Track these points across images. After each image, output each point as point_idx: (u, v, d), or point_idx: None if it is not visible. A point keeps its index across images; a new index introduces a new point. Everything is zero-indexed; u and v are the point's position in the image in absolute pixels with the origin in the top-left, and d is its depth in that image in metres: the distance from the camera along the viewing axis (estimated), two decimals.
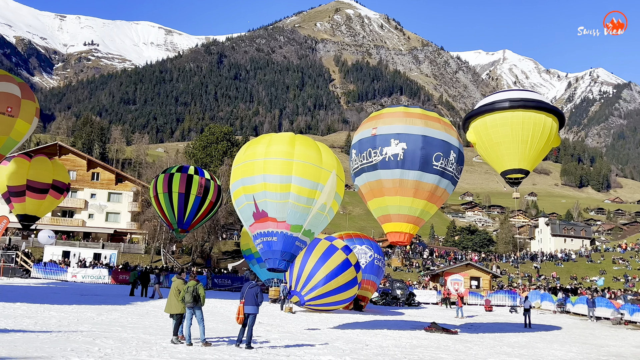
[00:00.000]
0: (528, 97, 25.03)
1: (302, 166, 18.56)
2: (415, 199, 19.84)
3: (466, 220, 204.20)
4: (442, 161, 19.79)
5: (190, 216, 30.03)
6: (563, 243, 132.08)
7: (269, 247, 19.07)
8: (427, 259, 78.79)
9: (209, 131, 70.62)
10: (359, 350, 14.99)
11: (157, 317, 21.93)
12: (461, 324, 28.30)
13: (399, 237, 20.37)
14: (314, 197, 18.68)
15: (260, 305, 14.48)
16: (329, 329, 21.57)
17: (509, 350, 18.03)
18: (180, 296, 14.15)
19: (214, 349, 13.46)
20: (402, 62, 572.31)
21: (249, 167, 19.05)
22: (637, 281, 67.86)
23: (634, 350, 20.48)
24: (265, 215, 18.81)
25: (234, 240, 77.70)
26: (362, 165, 20.29)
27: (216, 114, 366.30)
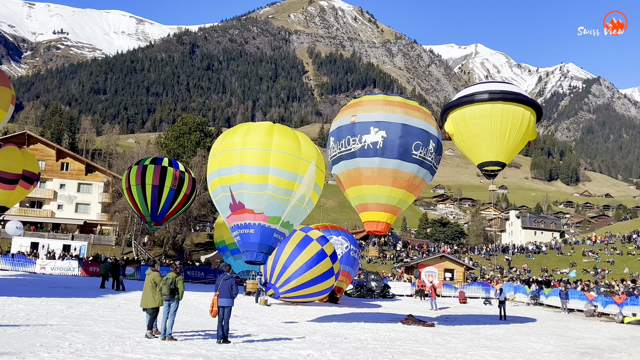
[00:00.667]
0: (508, 89, 24.95)
1: (280, 157, 18.15)
2: (393, 188, 19.54)
3: (438, 213, 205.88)
4: (421, 150, 19.48)
5: (163, 209, 29.40)
6: (533, 236, 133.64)
7: (246, 239, 18.67)
8: (401, 251, 78.88)
9: (182, 121, 69.56)
10: (338, 344, 14.71)
11: (130, 310, 21.42)
12: (437, 316, 28.23)
13: (376, 226, 20.05)
14: (292, 188, 18.31)
15: (235, 297, 14.05)
16: (305, 322, 21.27)
17: (487, 343, 17.92)
18: (157, 288, 13.70)
19: (190, 344, 13.03)
20: (376, 55, 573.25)
21: (226, 158, 18.58)
22: (607, 273, 68.74)
23: (610, 342, 20.53)
24: (242, 207, 18.38)
25: (207, 232, 76.95)
26: (341, 153, 19.88)
27: (188, 104, 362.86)
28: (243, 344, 13.64)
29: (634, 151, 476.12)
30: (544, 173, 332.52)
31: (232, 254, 30.12)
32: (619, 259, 76.98)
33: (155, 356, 10.89)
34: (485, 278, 59.42)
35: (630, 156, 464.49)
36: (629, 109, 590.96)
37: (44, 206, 68.48)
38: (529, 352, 16.07)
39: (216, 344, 13.19)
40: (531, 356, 15.27)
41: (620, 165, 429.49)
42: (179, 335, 14.14)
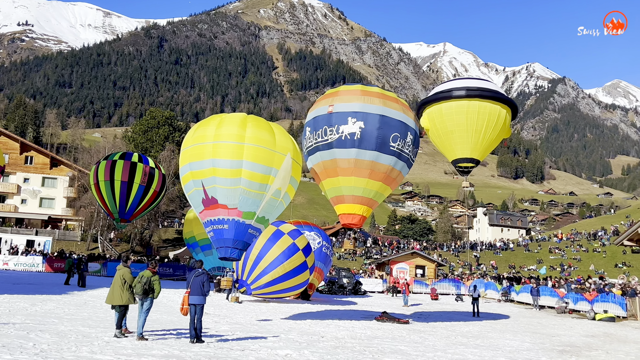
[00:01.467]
0: (485, 86, 24.80)
1: (254, 150, 17.55)
2: (370, 180, 19.08)
3: (406, 210, 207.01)
4: (399, 142, 19.06)
5: (132, 206, 28.56)
6: (500, 233, 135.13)
7: (220, 235, 18.07)
8: (371, 248, 78.83)
9: (150, 115, 68.21)
10: (315, 343, 14.26)
11: (96, 307, 20.66)
12: (411, 313, 27.98)
13: (352, 219, 19.56)
14: (267, 182, 17.74)
15: (207, 295, 13.46)
16: (279, 319, 20.78)
17: (464, 341, 17.66)
18: (127, 285, 13.05)
19: (162, 344, 12.43)
20: (346, 52, 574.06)
21: (198, 151, 17.94)
22: (573, 270, 69.53)
23: (584, 339, 20.46)
24: (215, 202, 17.78)
25: (175, 228, 75.87)
26: (317, 143, 19.35)
27: (156, 99, 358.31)
28: (217, 343, 13.09)
29: (598, 150, 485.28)
30: (510, 171, 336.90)
31: (202, 250, 29.51)
32: (585, 255, 77.99)
33: (125, 357, 10.28)
34: (454, 274, 59.52)
35: (593, 155, 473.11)
36: (593, 109, 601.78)
37: (7, 200, 66.64)
38: (508, 350, 15.83)
39: (189, 344, 12.62)
40: (510, 354, 15.02)
41: (584, 164, 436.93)
42: (149, 334, 13.54)
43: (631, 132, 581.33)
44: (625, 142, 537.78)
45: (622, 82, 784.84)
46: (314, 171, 20.15)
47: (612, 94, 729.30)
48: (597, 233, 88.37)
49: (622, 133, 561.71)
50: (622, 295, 29.90)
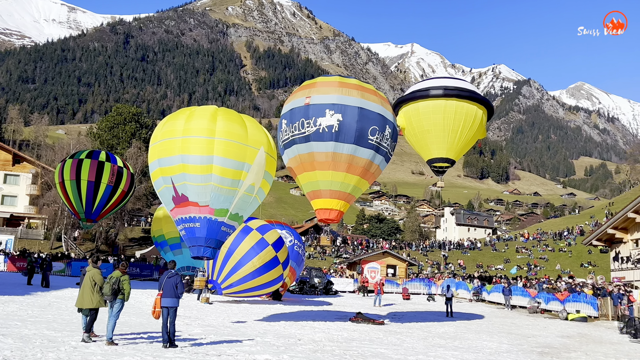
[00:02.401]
0: (463, 86, 24.62)
1: (225, 144, 16.89)
2: (348, 174, 18.56)
3: (374, 209, 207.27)
4: (377, 135, 18.55)
5: (99, 206, 27.57)
6: (467, 232, 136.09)
7: (191, 233, 17.41)
8: (340, 247, 78.53)
9: (116, 111, 66.66)
10: (293, 347, 13.74)
11: (61, 309, 19.82)
12: (385, 313, 27.60)
13: (329, 214, 19.00)
14: (239, 178, 17.10)
15: (180, 297, 12.81)
16: (253, 321, 20.21)
17: (442, 342, 17.34)
18: (98, 287, 12.37)
19: (134, 349, 11.77)
20: (314, 51, 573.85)
21: (166, 146, 17.22)
22: (539, 269, 70.17)
23: (561, 340, 20.32)
24: (186, 200, 17.11)
25: (141, 226, 74.52)
26: (294, 136, 18.72)
27: (121, 95, 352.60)
28: (192, 348, 12.47)
29: (561, 151, 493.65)
30: (476, 171, 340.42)
31: (171, 249, 28.64)
32: (551, 255, 78.81)
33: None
34: (424, 274, 59.49)
35: (557, 156, 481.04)
36: (557, 111, 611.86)
37: None
38: (488, 352, 15.53)
39: (162, 349, 11.97)
40: (491, 357, 14.73)
41: (548, 165, 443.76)
42: (118, 338, 12.86)
43: (594, 133, 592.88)
44: (588, 144, 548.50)
45: (586, 84, 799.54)
46: (290, 165, 19.54)
47: (576, 96, 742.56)
48: (562, 233, 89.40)
49: (585, 135, 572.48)
50: (594, 295, 29.97)
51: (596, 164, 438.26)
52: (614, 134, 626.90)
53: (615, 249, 39.67)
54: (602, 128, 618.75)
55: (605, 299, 28.92)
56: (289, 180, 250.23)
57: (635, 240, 38.05)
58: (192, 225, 17.30)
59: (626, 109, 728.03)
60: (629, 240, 38.46)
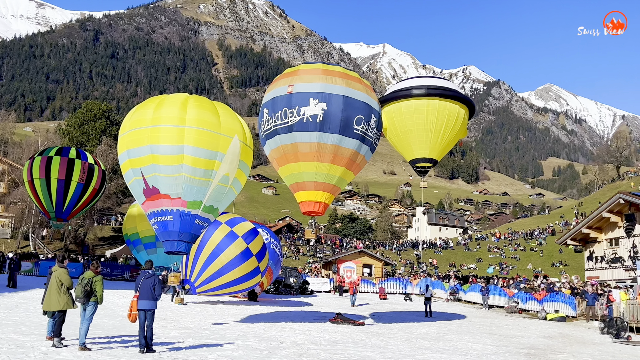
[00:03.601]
0: (445, 85, 24.36)
1: (196, 133, 16.09)
2: (333, 165, 17.86)
3: (346, 209, 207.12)
4: (363, 125, 17.86)
5: (70, 205, 26.46)
6: (438, 231, 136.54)
7: (164, 227, 16.54)
8: (314, 246, 78.02)
9: (86, 108, 65.10)
10: (277, 350, 13.12)
11: (29, 311, 18.94)
12: (364, 313, 27.07)
13: (314, 206, 18.29)
14: (212, 168, 16.29)
15: (158, 299, 12.09)
16: (231, 323, 19.57)
17: (426, 344, 16.90)
18: (65, 288, 11.61)
19: (108, 354, 11.00)
20: (286, 50, 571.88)
21: (135, 137, 16.40)
22: (511, 269, 70.52)
23: (543, 341, 20.06)
24: (157, 192, 16.26)
25: (111, 225, 73.06)
26: (276, 126, 17.90)
27: (91, 93, 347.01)
28: (170, 353, 11.75)
29: (530, 152, 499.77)
30: (446, 171, 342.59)
31: (145, 247, 27.70)
32: (522, 254, 79.28)
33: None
34: (397, 273, 59.22)
35: (526, 157, 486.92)
36: (525, 112, 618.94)
37: None
38: (475, 355, 15.12)
39: (139, 354, 11.24)
40: (477, 358, 14.29)
41: (517, 165, 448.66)
42: (90, 342, 12.07)
43: (562, 134, 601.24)
44: (556, 145, 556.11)
45: (554, 86, 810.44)
46: (273, 156, 18.73)
47: (544, 97, 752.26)
48: (533, 232, 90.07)
49: (553, 136, 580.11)
50: (572, 295, 29.87)
51: (564, 165, 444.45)
52: (581, 135, 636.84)
53: (589, 249, 39.82)
54: (570, 129, 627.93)
55: (584, 299, 28.82)
56: (261, 179, 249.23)
57: (610, 240, 38.22)
58: (165, 218, 16.49)
59: (593, 111, 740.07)
60: (603, 240, 38.63)
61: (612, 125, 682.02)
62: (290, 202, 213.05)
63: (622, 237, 36.94)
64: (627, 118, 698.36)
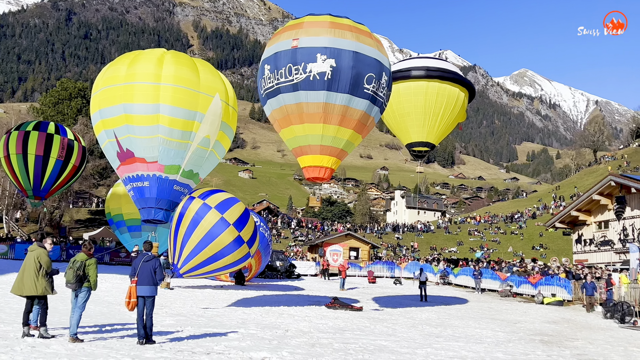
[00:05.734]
0: (445, 67, 23.54)
1: (173, 91, 14.97)
2: (341, 128, 16.36)
3: (323, 192, 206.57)
4: (374, 84, 16.26)
5: (49, 182, 25.09)
6: (417, 215, 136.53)
7: (140, 194, 15.43)
8: (295, 229, 77.06)
9: (61, 86, 62.90)
10: (285, 340, 12.05)
11: (7, 297, 17.56)
12: (359, 298, 26.08)
13: (319, 172, 16.82)
14: (190, 129, 15.20)
15: (159, 284, 10.93)
16: (224, 308, 18.48)
17: (435, 331, 16.01)
18: (44, 271, 10.36)
19: (104, 347, 9.81)
20: (263, 33, 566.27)
21: (107, 95, 15.27)
22: (492, 252, 70.33)
23: (550, 326, 19.34)
24: (132, 155, 15.20)
25: (87, 208, 71.26)
26: (279, 84, 16.18)
27: (63, 74, 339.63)
28: (172, 344, 10.58)
29: (505, 137, 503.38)
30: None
31: (129, 230, 26.43)
32: (503, 238, 79.19)
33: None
34: (380, 257, 58.53)
35: (501, 141, 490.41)
36: (501, 97, 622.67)
37: None
38: (490, 342, 14.24)
39: (139, 346, 10.06)
40: (497, 347, 13.43)
41: (492, 150, 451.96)
42: (79, 331, 10.76)
43: (536, 119, 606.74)
44: (531, 130, 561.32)
45: (529, 71, 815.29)
46: (274, 117, 17.20)
47: (519, 82, 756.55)
48: (514, 216, 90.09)
49: (527, 120, 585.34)
50: (567, 278, 29.27)
51: (538, 150, 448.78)
52: (555, 120, 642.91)
53: (578, 232, 39.40)
54: (544, 114, 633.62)
55: (580, 282, 28.22)
56: (237, 162, 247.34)
57: (599, 223, 37.80)
58: (141, 184, 15.39)
59: (567, 96, 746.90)
60: (592, 223, 38.22)
61: (585, 110, 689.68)
62: (267, 185, 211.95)
63: (612, 219, 36.54)
64: (600, 103, 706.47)
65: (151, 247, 11.10)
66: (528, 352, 12.75)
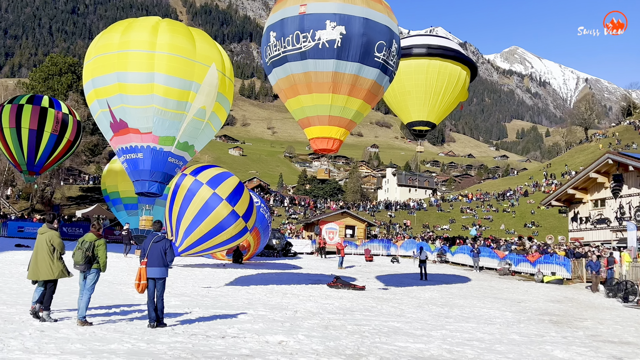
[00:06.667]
0: (447, 45, 23.19)
1: (168, 59, 14.57)
2: (350, 98, 15.75)
3: (313, 170, 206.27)
4: (384, 52, 15.65)
5: (43, 157, 24.57)
6: (408, 193, 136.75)
7: (134, 166, 15.05)
8: (288, 208, 76.75)
9: (51, 61, 61.92)
10: (297, 322, 11.75)
11: (5, 276, 17.30)
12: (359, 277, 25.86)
13: (327, 143, 16.28)
14: (186, 99, 14.81)
15: (170, 265, 10.55)
16: (225, 287, 18.17)
17: (442, 311, 15.80)
18: (58, 254, 9.99)
19: (114, 330, 9.44)
20: (253, 8, 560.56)
21: (100, 63, 14.82)
22: (484, 229, 70.46)
23: (555, 305, 19.21)
24: (125, 126, 14.80)
25: (79, 185, 70.52)
26: (286, 52, 15.51)
27: (51, 49, 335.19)
28: (184, 327, 10.23)
29: (495, 114, 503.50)
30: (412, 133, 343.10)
31: (126, 208, 25.99)
32: (495, 215, 79.36)
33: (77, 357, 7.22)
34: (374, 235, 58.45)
35: (491, 119, 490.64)
36: (491, 74, 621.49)
37: None
38: (501, 323, 14.04)
39: (151, 330, 9.70)
40: (508, 328, 13.24)
41: (482, 128, 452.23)
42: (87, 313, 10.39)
43: (526, 97, 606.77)
44: (520, 107, 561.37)
45: (520, 48, 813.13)
46: (281, 87, 16.52)
47: (510, 60, 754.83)
48: (505, 193, 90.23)
49: (517, 98, 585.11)
50: (566, 257, 29.17)
51: (527, 127, 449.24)
52: (545, 98, 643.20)
53: (574, 210, 39.35)
54: (534, 92, 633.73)
55: (579, 261, 28.16)
56: (227, 140, 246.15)
57: (595, 201, 37.74)
58: (134, 156, 15.01)
59: (557, 74, 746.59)
60: (589, 201, 38.15)
61: (575, 88, 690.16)
62: (257, 163, 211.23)
63: (608, 197, 36.49)
64: (590, 81, 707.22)
65: (161, 226, 10.72)
66: (542, 333, 12.56)
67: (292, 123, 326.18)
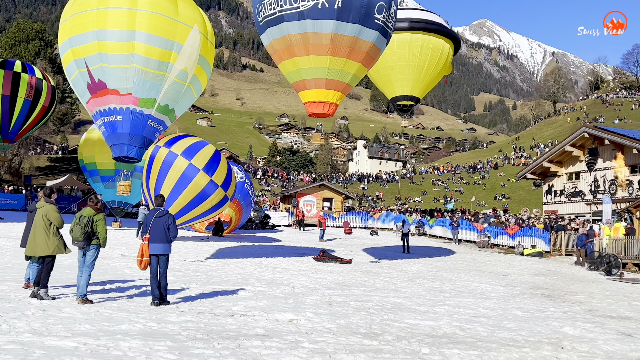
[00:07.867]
0: (429, 18, 22.80)
1: (150, 17, 14.09)
2: (348, 61, 15.26)
3: (283, 142, 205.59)
4: (384, 14, 15.12)
5: (17, 124, 23.81)
6: (379, 165, 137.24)
7: (112, 129, 14.51)
8: (261, 180, 76.32)
9: (18, 27, 59.86)
10: (299, 297, 11.52)
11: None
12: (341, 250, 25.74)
13: (323, 107, 15.79)
14: (168, 60, 14.37)
15: (173, 241, 10.16)
16: (214, 262, 17.86)
17: (435, 285, 15.78)
18: (54, 229, 9.57)
19: (118, 309, 9.07)
20: None
21: (78, 21, 14.27)
22: (455, 201, 71.10)
23: (541, 279, 19.38)
24: (104, 87, 14.28)
25: (47, 155, 68.97)
26: (282, 12, 14.73)
27: (13, 15, 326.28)
28: (187, 304, 9.88)
29: (463, 87, 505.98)
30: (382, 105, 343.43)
31: (102, 180, 25.36)
32: (466, 188, 80.00)
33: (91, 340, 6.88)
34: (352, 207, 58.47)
35: (459, 92, 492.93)
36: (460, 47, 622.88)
37: None
38: (498, 298, 14.03)
39: (159, 309, 9.33)
40: (505, 302, 13.23)
41: (450, 100, 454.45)
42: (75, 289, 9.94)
43: (494, 70, 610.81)
44: (488, 80, 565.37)
45: (488, 21, 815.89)
46: (274, 47, 15.81)
47: (478, 33, 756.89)
48: (476, 166, 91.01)
49: (485, 71, 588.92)
50: (545, 229, 29.48)
51: (495, 100, 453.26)
52: (513, 71, 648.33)
53: (548, 183, 39.76)
54: (502, 65, 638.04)
55: (559, 234, 28.46)
56: (196, 110, 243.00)
57: (570, 174, 38.15)
58: (113, 118, 14.49)
59: (525, 47, 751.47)
60: (563, 174, 38.56)
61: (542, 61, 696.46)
62: (226, 134, 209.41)
63: (583, 171, 36.91)
64: (556, 55, 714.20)
65: (163, 201, 10.32)
66: (541, 308, 12.56)
67: (261, 94, 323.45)
